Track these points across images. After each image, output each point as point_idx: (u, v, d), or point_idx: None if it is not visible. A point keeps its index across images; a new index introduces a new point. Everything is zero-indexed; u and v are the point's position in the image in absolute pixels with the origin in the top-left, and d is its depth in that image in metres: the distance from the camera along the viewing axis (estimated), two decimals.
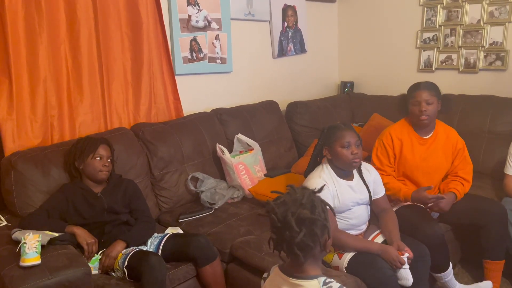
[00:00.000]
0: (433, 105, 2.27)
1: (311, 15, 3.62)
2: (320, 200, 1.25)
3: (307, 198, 1.21)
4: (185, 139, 2.63)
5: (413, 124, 2.35)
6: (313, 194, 1.25)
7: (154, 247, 2.06)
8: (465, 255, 2.51)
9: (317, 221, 1.19)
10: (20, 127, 2.19)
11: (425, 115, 2.25)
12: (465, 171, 2.37)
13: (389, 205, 2.17)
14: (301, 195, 1.22)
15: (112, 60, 2.49)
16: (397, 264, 1.83)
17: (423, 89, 2.28)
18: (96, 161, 2.07)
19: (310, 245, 1.19)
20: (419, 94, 2.27)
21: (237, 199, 2.65)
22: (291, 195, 1.24)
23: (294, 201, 1.21)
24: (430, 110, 2.26)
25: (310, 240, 1.19)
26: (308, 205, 1.20)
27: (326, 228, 1.22)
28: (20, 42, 2.14)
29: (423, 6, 3.36)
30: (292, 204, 1.20)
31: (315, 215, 1.19)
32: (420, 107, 2.26)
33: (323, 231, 1.21)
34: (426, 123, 2.30)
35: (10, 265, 1.66)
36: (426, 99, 2.25)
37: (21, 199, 2.06)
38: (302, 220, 1.18)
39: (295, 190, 1.26)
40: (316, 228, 1.19)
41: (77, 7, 2.30)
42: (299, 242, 1.18)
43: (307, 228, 1.18)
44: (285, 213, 1.19)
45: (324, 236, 1.22)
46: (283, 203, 1.22)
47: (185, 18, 2.81)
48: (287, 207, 1.20)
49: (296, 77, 3.64)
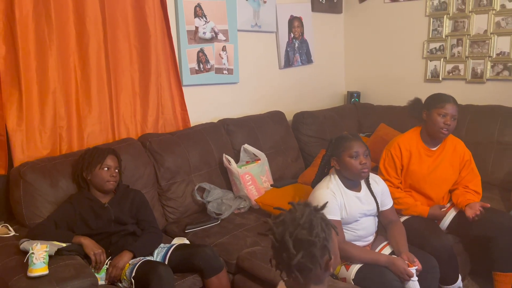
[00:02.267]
0: (455, 122, 2.26)
1: (317, 26, 3.64)
2: (320, 218, 1.17)
3: (306, 217, 1.14)
4: (192, 149, 2.64)
5: (425, 133, 2.33)
6: (314, 212, 1.18)
7: (160, 257, 2.05)
8: (475, 267, 2.47)
9: (315, 242, 1.12)
10: (29, 138, 2.21)
11: (447, 129, 2.24)
12: (474, 183, 2.35)
13: (396, 217, 2.16)
14: (301, 214, 1.15)
15: (120, 71, 2.52)
16: (405, 277, 1.82)
17: (453, 103, 2.25)
18: (104, 172, 2.08)
19: (309, 266, 1.13)
20: (449, 107, 2.23)
21: (243, 210, 2.64)
22: (291, 213, 1.17)
23: (292, 221, 1.14)
24: (453, 125, 2.25)
25: (309, 262, 1.12)
26: (306, 225, 1.13)
27: (326, 248, 1.15)
28: (30, 54, 2.17)
29: (429, 17, 3.37)
30: (290, 224, 1.14)
31: (312, 236, 1.12)
32: (446, 119, 2.22)
33: (323, 252, 1.14)
34: (443, 137, 2.29)
35: (18, 275, 1.67)
36: (453, 114, 2.23)
37: (30, 209, 2.07)
38: (300, 241, 1.12)
39: (296, 208, 1.18)
40: (315, 250, 1.12)
41: (87, 20, 2.34)
42: (297, 264, 1.12)
43: (305, 250, 1.11)
44: (283, 233, 1.13)
45: (325, 257, 1.15)
46: (282, 222, 1.15)
47: (193, 29, 2.85)
48: (285, 227, 1.14)
49: (302, 88, 3.65)
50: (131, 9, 2.52)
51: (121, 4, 2.47)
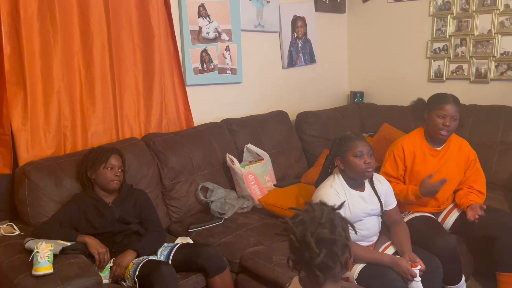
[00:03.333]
0: (456, 122, 2.22)
1: (320, 26, 3.64)
2: (340, 218, 1.19)
3: (326, 216, 1.15)
4: (195, 149, 2.64)
5: (428, 134, 2.32)
6: (333, 211, 1.19)
7: (164, 257, 2.06)
8: (478, 268, 2.47)
9: (337, 241, 1.13)
10: (34, 138, 2.23)
11: (447, 130, 2.20)
12: (478, 183, 2.34)
13: (400, 217, 2.16)
14: (320, 213, 1.16)
15: (124, 71, 2.53)
16: (408, 277, 1.81)
17: (453, 103, 2.20)
18: (108, 171, 2.09)
19: (330, 265, 1.14)
20: (448, 108, 2.19)
21: (246, 209, 2.65)
22: (309, 213, 1.18)
23: (312, 220, 1.15)
24: (453, 126, 2.21)
25: (330, 261, 1.13)
26: (327, 224, 1.14)
27: (347, 247, 1.16)
28: (35, 54, 2.19)
29: (433, 16, 3.36)
30: (310, 223, 1.14)
31: (335, 235, 1.13)
32: (445, 121, 2.19)
33: (344, 250, 1.16)
34: (444, 138, 2.26)
35: (22, 274, 1.68)
36: (453, 115, 2.19)
37: (34, 208, 2.08)
38: (322, 240, 1.12)
39: (314, 207, 1.19)
40: (337, 248, 1.14)
41: (91, 20, 2.35)
42: (319, 264, 1.13)
43: (327, 249, 1.12)
44: (304, 233, 1.13)
45: (345, 255, 1.17)
46: (301, 222, 1.16)
47: (196, 29, 2.85)
48: (305, 227, 1.14)
49: (305, 87, 3.65)
50: (135, 9, 2.53)
51: (125, 5, 2.48)
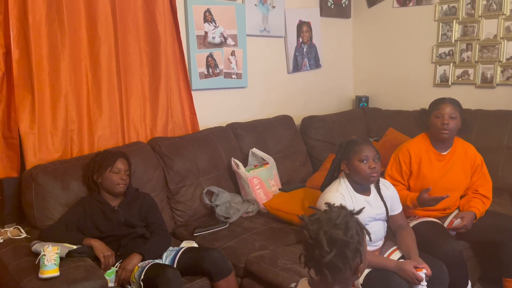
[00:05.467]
0: (455, 120, 2.24)
1: (325, 31, 3.65)
2: (356, 222, 1.20)
3: (342, 218, 1.17)
4: (200, 153, 2.65)
5: (432, 138, 2.32)
6: (350, 215, 1.21)
7: (169, 260, 2.07)
8: (485, 273, 2.45)
9: (349, 243, 1.15)
10: (41, 141, 2.24)
11: (446, 129, 2.22)
12: (484, 188, 2.33)
13: (406, 222, 2.15)
14: (337, 215, 1.18)
15: (130, 75, 2.55)
16: (414, 281, 1.80)
17: (448, 102, 2.26)
18: (114, 175, 2.10)
19: (339, 266, 1.15)
20: (443, 107, 2.24)
21: (251, 214, 2.65)
22: (327, 213, 1.20)
23: (328, 220, 1.17)
24: (452, 124, 2.23)
25: (340, 262, 1.15)
26: (342, 226, 1.16)
27: (358, 252, 1.17)
28: (43, 58, 2.21)
29: (438, 21, 3.36)
30: (326, 223, 1.17)
31: (347, 237, 1.15)
32: (443, 119, 2.23)
33: (355, 254, 1.16)
34: (446, 137, 2.26)
35: (29, 277, 1.69)
36: (450, 113, 2.23)
37: (41, 211, 2.09)
38: (334, 240, 1.14)
39: (332, 209, 1.22)
40: (348, 251, 1.15)
41: (98, 25, 2.37)
42: (328, 262, 1.14)
43: (338, 249, 1.14)
44: (318, 231, 1.16)
45: (356, 260, 1.17)
46: (317, 221, 1.18)
47: (202, 34, 2.87)
48: (320, 225, 1.17)
49: (311, 92, 3.65)
50: (141, 14, 2.55)
51: (132, 10, 2.50)
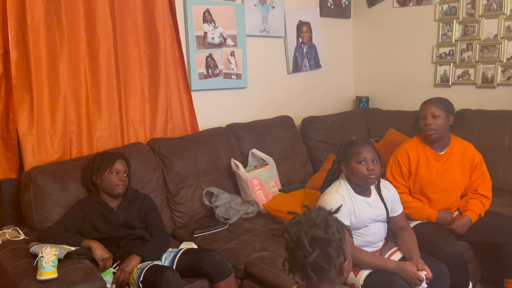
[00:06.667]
0: (440, 119, 2.23)
1: (325, 31, 3.65)
2: (335, 220, 1.20)
3: (322, 217, 1.18)
4: (200, 154, 2.64)
5: (424, 139, 2.34)
6: (329, 214, 1.21)
7: (168, 262, 2.06)
8: (486, 274, 2.44)
9: (331, 241, 1.15)
10: (40, 142, 2.23)
11: (430, 129, 2.24)
12: (484, 188, 2.32)
13: (407, 223, 2.14)
14: (316, 215, 1.19)
15: (130, 76, 2.54)
16: (416, 281, 1.80)
17: (430, 103, 2.28)
18: (113, 176, 2.09)
19: (324, 266, 1.14)
20: (425, 108, 2.27)
21: (251, 215, 2.64)
22: (306, 215, 1.20)
23: (308, 221, 1.17)
24: (436, 124, 2.23)
25: (324, 262, 1.14)
26: (322, 224, 1.16)
27: (341, 249, 1.17)
28: (42, 60, 2.20)
29: (438, 21, 3.35)
30: (305, 224, 1.17)
31: (328, 234, 1.15)
32: (426, 120, 2.25)
33: (339, 252, 1.16)
34: (434, 137, 2.27)
35: (27, 279, 1.68)
36: (432, 112, 2.24)
37: (40, 213, 2.09)
38: (316, 239, 1.14)
39: (310, 210, 1.22)
40: (331, 249, 1.15)
41: (97, 26, 2.36)
42: (312, 263, 1.13)
43: (320, 249, 1.14)
44: (298, 233, 1.16)
45: (340, 258, 1.17)
46: (297, 223, 1.18)
47: (201, 35, 2.86)
48: (300, 227, 1.17)
49: (311, 92, 3.64)
50: (141, 15, 2.54)
51: (131, 10, 2.50)
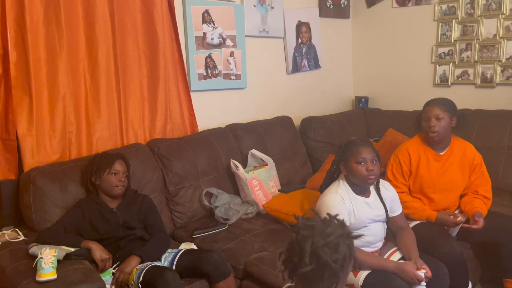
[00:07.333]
0: (443, 121, 2.22)
1: (325, 31, 3.65)
2: (347, 247, 1.12)
3: (335, 238, 1.10)
4: (200, 154, 2.64)
5: (425, 140, 2.33)
6: (345, 237, 1.12)
7: (168, 262, 2.06)
8: (485, 274, 2.44)
9: (330, 266, 1.09)
10: (39, 143, 2.23)
11: (433, 131, 2.22)
12: (484, 189, 2.32)
13: (406, 223, 2.14)
14: (331, 232, 1.11)
15: (129, 77, 2.54)
16: (415, 281, 1.80)
17: (433, 104, 2.26)
18: (112, 177, 2.09)
19: (313, 281, 1.11)
20: (429, 109, 2.25)
21: (251, 215, 2.64)
22: (323, 224, 1.13)
23: (321, 233, 1.10)
24: (439, 126, 2.22)
25: (315, 277, 1.10)
26: (332, 245, 1.09)
27: (337, 277, 1.11)
28: (41, 60, 2.20)
29: (438, 21, 3.35)
30: (317, 234, 1.10)
31: (332, 259, 1.08)
32: (429, 122, 2.23)
33: (332, 279, 1.11)
34: (436, 139, 2.26)
35: (26, 280, 1.68)
36: (436, 115, 2.22)
37: (39, 214, 2.09)
38: (317, 256, 1.08)
39: (331, 221, 1.14)
40: (326, 273, 1.09)
41: (96, 26, 2.36)
42: (303, 273, 1.09)
43: (317, 266, 1.08)
44: (306, 239, 1.09)
45: (332, 283, 1.12)
46: (311, 228, 1.11)
47: (201, 35, 2.86)
48: (311, 234, 1.10)
49: (310, 93, 3.64)
50: (140, 15, 2.54)
51: (130, 11, 2.50)
